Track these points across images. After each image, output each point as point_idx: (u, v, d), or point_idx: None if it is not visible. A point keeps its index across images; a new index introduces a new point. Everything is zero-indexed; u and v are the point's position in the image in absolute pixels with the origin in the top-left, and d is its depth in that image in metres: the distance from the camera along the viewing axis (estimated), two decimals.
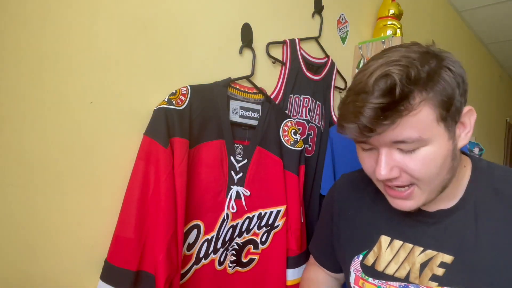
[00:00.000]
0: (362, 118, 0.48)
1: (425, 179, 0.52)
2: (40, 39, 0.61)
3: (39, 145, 0.62)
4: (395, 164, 0.52)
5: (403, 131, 0.49)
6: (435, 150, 0.51)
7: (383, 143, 0.52)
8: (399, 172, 0.53)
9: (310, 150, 1.14)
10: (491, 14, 2.42)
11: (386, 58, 0.50)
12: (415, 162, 0.51)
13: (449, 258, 0.56)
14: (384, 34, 1.38)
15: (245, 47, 0.96)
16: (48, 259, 0.65)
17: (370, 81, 0.48)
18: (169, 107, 0.75)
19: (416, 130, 0.49)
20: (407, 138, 0.49)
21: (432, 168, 0.51)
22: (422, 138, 0.49)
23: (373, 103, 0.47)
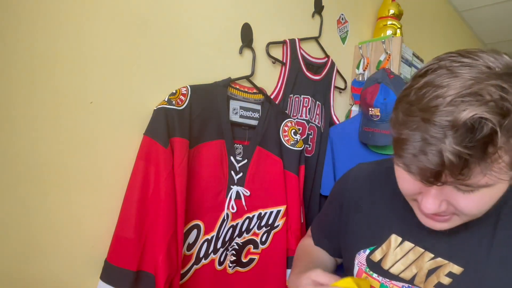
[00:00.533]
0: (437, 160, 0.39)
1: (470, 216, 0.47)
2: (40, 39, 0.61)
3: (39, 145, 0.62)
4: (444, 198, 0.46)
5: (472, 178, 0.40)
6: (493, 193, 0.45)
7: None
8: (446, 206, 0.46)
9: (310, 150, 1.14)
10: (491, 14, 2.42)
11: (469, 81, 0.39)
12: (469, 201, 0.45)
13: (459, 270, 0.55)
14: (384, 34, 1.38)
15: (245, 47, 0.96)
16: (48, 259, 0.65)
17: (455, 115, 0.38)
18: (169, 107, 0.75)
19: (486, 179, 0.41)
20: (473, 183, 0.41)
21: (483, 208, 0.46)
22: (488, 185, 0.42)
23: (459, 150, 0.38)
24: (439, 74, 0.42)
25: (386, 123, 1.07)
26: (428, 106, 0.41)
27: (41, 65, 0.62)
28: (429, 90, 0.41)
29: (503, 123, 0.38)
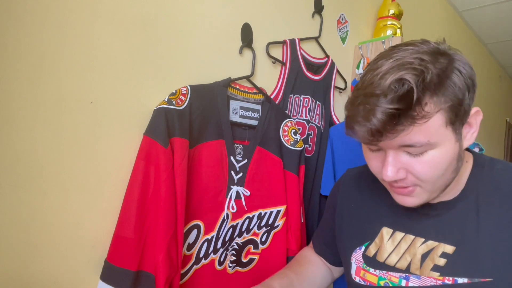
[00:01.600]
0: (374, 121, 0.47)
1: (429, 181, 0.53)
2: (40, 39, 0.61)
3: (39, 145, 0.62)
4: (401, 166, 0.53)
5: (412, 136, 0.49)
6: (441, 153, 0.51)
7: (391, 146, 0.52)
8: (405, 174, 0.53)
9: (310, 150, 1.14)
10: (491, 14, 2.42)
11: (398, 59, 0.49)
12: (422, 165, 0.52)
13: (451, 249, 0.57)
14: (384, 34, 1.38)
15: (245, 47, 0.96)
16: (48, 259, 0.65)
17: (383, 83, 0.47)
18: (169, 107, 0.75)
19: (425, 135, 0.49)
20: (416, 142, 0.49)
21: (437, 171, 0.52)
22: (430, 142, 0.50)
23: (387, 108, 0.46)
24: (377, 61, 0.52)
25: None
26: (367, 85, 0.50)
27: (41, 65, 0.62)
28: (369, 73, 0.51)
29: (420, 80, 0.46)
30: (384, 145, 0.52)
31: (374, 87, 0.48)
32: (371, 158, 0.58)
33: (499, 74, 3.71)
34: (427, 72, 0.47)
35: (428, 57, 0.48)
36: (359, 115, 0.50)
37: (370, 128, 0.48)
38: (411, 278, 0.59)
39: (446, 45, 0.52)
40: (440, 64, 0.48)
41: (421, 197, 0.56)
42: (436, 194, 0.57)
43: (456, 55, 0.51)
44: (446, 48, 0.52)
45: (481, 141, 2.40)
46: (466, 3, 2.31)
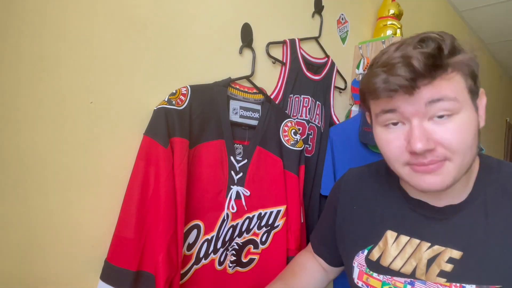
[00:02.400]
0: (415, 63, 0.47)
1: (461, 150, 0.51)
2: (40, 39, 0.61)
3: (39, 145, 0.62)
4: (430, 136, 0.50)
5: (441, 89, 0.49)
6: (467, 119, 0.51)
7: (416, 110, 0.50)
8: (434, 145, 0.50)
9: (310, 150, 1.14)
10: (491, 14, 2.42)
11: (411, 38, 0.52)
12: (451, 131, 0.50)
13: (458, 254, 0.55)
14: (384, 34, 1.38)
15: (245, 47, 0.96)
16: (48, 259, 0.65)
17: (408, 49, 0.49)
18: (169, 107, 0.75)
19: (453, 91, 0.49)
20: (445, 96, 0.49)
21: (467, 137, 0.51)
22: (457, 100, 0.50)
23: (425, 51, 0.48)
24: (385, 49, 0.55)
25: None
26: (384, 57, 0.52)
27: (41, 65, 0.62)
28: (381, 55, 0.54)
29: (441, 40, 0.49)
30: (408, 107, 0.50)
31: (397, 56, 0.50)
32: (391, 139, 0.54)
33: (499, 74, 3.71)
34: (445, 38, 0.50)
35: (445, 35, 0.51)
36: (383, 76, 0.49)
37: (413, 72, 0.48)
38: (417, 284, 0.57)
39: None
40: (454, 39, 0.51)
41: (450, 175, 0.52)
42: (461, 175, 0.53)
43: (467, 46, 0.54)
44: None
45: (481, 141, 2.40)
46: (466, 3, 2.31)
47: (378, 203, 0.67)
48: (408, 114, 0.51)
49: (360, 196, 0.71)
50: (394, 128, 0.54)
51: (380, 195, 0.68)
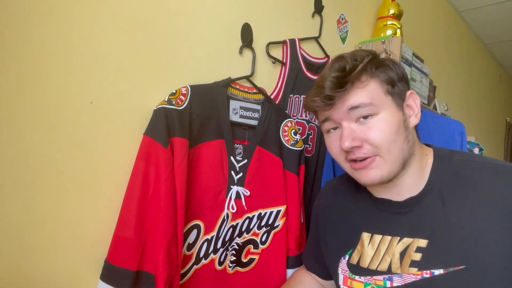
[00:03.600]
0: (324, 90, 0.59)
1: (384, 146, 0.58)
2: (40, 39, 0.61)
3: (39, 145, 0.62)
4: (355, 135, 0.59)
5: (356, 97, 0.59)
6: (387, 118, 0.59)
7: (342, 114, 0.60)
8: (360, 142, 0.59)
9: (310, 150, 1.14)
10: (491, 14, 2.42)
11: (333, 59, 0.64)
12: (372, 129, 0.58)
13: (424, 242, 0.59)
14: (384, 34, 1.38)
15: (245, 47, 0.96)
16: (48, 259, 0.65)
17: (328, 68, 0.62)
18: (169, 107, 0.75)
19: (367, 97, 0.59)
20: (361, 103, 0.58)
21: (387, 134, 0.58)
22: (373, 104, 0.58)
23: (330, 77, 0.59)
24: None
25: None
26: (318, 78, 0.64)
27: (41, 66, 0.62)
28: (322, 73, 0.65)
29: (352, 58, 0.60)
30: (336, 115, 0.61)
31: (322, 74, 0.62)
32: (331, 142, 0.65)
33: (499, 74, 3.71)
34: (360, 55, 0.61)
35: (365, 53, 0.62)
36: (312, 92, 0.62)
37: (320, 96, 0.59)
38: (394, 278, 0.61)
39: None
40: (374, 56, 0.62)
41: (382, 168, 0.59)
42: (396, 167, 0.60)
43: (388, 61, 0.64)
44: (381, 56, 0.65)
45: (481, 141, 2.40)
46: (466, 3, 2.31)
47: (351, 209, 0.72)
48: (338, 119, 0.61)
49: (336, 206, 0.76)
50: (333, 133, 0.65)
51: (352, 201, 0.73)
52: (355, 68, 0.59)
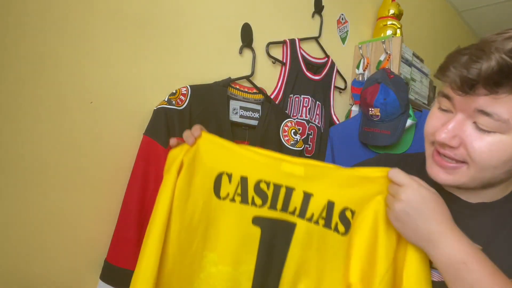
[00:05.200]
0: (484, 66, 0.44)
1: (479, 164, 0.49)
2: (40, 39, 0.61)
3: (39, 145, 0.62)
4: (460, 135, 0.49)
5: (498, 105, 0.45)
6: (508, 143, 0.47)
7: (466, 108, 0.49)
8: (458, 144, 0.50)
9: (310, 150, 1.14)
10: (491, 14, 2.42)
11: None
12: (483, 143, 0.48)
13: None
14: (384, 34, 1.38)
15: (245, 47, 0.96)
16: (48, 259, 0.65)
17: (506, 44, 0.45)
18: (169, 107, 0.75)
19: (509, 112, 0.45)
20: (496, 113, 0.46)
21: (494, 158, 0.48)
22: (508, 122, 0.46)
23: (505, 58, 0.43)
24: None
25: (386, 123, 1.07)
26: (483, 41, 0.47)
27: (41, 65, 0.62)
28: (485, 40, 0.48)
29: None
30: (459, 104, 0.49)
31: (491, 43, 0.46)
32: (434, 117, 0.54)
33: None
34: None
35: None
36: (462, 59, 0.47)
37: (468, 78, 0.45)
38: (433, 273, 0.57)
39: None
40: None
41: (461, 178, 0.51)
42: (475, 184, 0.52)
43: None
44: None
45: None
46: (466, 3, 2.31)
47: None
48: (458, 107, 0.50)
49: None
50: (442, 113, 0.54)
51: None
52: None
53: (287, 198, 0.62)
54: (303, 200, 0.62)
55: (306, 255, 0.62)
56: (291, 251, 0.62)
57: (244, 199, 0.62)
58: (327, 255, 0.62)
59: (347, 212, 0.61)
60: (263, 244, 0.62)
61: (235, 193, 0.61)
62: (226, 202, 0.61)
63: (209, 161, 0.60)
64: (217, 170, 0.61)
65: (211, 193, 0.60)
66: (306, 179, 0.62)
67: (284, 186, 0.62)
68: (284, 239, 0.63)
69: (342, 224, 0.61)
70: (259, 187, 0.62)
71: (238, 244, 0.62)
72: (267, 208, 0.62)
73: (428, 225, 0.51)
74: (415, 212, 0.52)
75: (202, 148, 0.60)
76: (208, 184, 0.60)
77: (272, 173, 0.62)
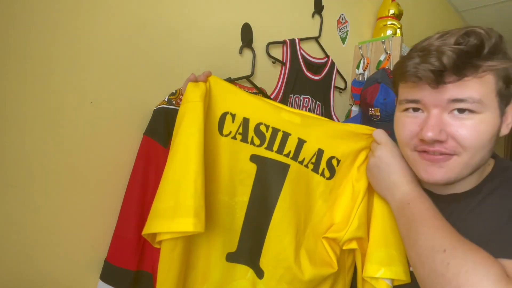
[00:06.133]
0: (444, 58, 0.47)
1: (472, 148, 0.51)
2: (40, 39, 0.61)
3: (39, 145, 0.62)
4: (444, 128, 0.51)
5: (467, 89, 0.49)
6: (488, 121, 0.50)
7: (438, 103, 0.51)
8: (446, 137, 0.51)
9: None
10: (491, 14, 2.42)
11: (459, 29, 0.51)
12: (468, 128, 0.50)
13: None
14: (384, 34, 1.38)
15: (245, 47, 0.96)
16: (48, 259, 0.65)
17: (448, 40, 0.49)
18: (169, 107, 0.75)
19: (479, 92, 0.49)
20: (469, 97, 0.49)
21: (482, 139, 0.50)
22: (482, 102, 0.49)
23: (458, 47, 0.47)
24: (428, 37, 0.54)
25: (386, 123, 1.06)
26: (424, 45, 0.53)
27: (41, 65, 0.62)
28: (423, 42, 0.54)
29: (487, 37, 0.48)
30: (430, 101, 0.52)
31: (433, 46, 0.50)
32: (407, 123, 0.56)
33: None
34: (491, 36, 0.49)
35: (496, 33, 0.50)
36: (417, 61, 0.50)
37: (433, 70, 0.48)
38: None
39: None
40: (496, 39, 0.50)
41: (454, 170, 0.53)
42: (465, 173, 0.54)
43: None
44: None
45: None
46: (466, 3, 2.31)
47: None
48: (430, 105, 0.52)
49: None
50: (412, 114, 0.55)
51: None
52: (489, 55, 0.48)
53: (283, 141, 0.69)
54: (297, 145, 0.70)
55: (296, 193, 0.70)
56: (285, 188, 0.69)
57: (244, 138, 0.68)
58: (313, 195, 0.72)
59: (333, 161, 0.71)
60: (258, 179, 0.69)
61: (236, 132, 0.67)
62: (228, 139, 0.67)
63: (217, 100, 0.66)
64: (222, 109, 0.66)
65: (215, 129, 0.66)
66: (302, 126, 0.69)
67: (282, 131, 0.69)
68: (278, 177, 0.70)
69: (328, 170, 0.71)
70: (259, 129, 0.68)
71: (235, 177, 0.68)
72: (264, 148, 0.69)
73: (392, 178, 0.60)
74: (384, 166, 0.61)
75: (213, 87, 0.66)
76: (214, 121, 0.65)
77: (272, 118, 0.68)
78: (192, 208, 0.55)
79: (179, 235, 0.57)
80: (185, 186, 0.56)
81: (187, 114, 0.61)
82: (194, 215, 0.55)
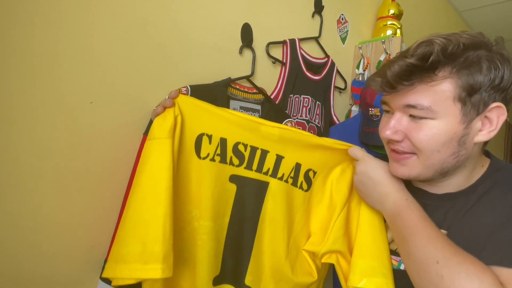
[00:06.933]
0: (388, 73, 0.53)
1: (424, 151, 0.55)
2: (40, 39, 0.61)
3: (39, 145, 0.62)
4: (401, 129, 0.57)
5: (417, 96, 0.53)
6: (441, 127, 0.53)
7: (398, 106, 0.57)
8: (402, 137, 0.57)
9: None
10: (491, 14, 2.42)
11: (444, 34, 0.54)
12: (419, 132, 0.55)
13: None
14: (384, 34, 1.38)
15: (245, 47, 0.96)
16: (48, 259, 0.65)
17: (414, 45, 0.55)
18: None
19: (429, 100, 0.53)
20: (419, 104, 0.53)
21: (433, 143, 0.54)
22: (432, 109, 0.53)
23: (404, 62, 0.52)
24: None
25: None
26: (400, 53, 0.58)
27: (41, 65, 0.62)
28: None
29: (444, 45, 0.51)
30: (392, 103, 0.58)
31: (408, 49, 0.56)
32: (383, 123, 0.62)
33: None
34: (455, 43, 0.51)
35: (468, 40, 0.52)
36: (382, 68, 0.57)
37: (383, 79, 0.54)
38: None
39: (503, 48, 0.54)
40: (476, 49, 0.52)
41: (414, 168, 0.57)
42: (430, 173, 0.57)
43: (507, 56, 0.53)
44: (498, 49, 0.53)
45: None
46: (466, 3, 2.31)
47: None
48: (393, 107, 0.59)
49: None
50: (387, 115, 0.62)
51: None
52: (437, 66, 0.52)
53: (262, 159, 0.70)
54: (275, 161, 0.71)
55: (277, 209, 0.72)
56: (265, 206, 0.71)
57: (223, 159, 0.68)
58: (293, 209, 0.73)
59: (310, 173, 0.73)
60: (237, 199, 0.70)
61: (214, 153, 0.67)
62: (206, 162, 0.66)
63: (191, 121, 0.65)
64: (198, 131, 0.66)
65: (192, 152, 0.65)
66: (280, 142, 0.70)
67: (260, 149, 0.70)
68: (258, 196, 0.71)
69: (305, 183, 0.73)
70: (237, 148, 0.68)
71: (216, 200, 0.68)
72: (243, 168, 0.70)
73: (378, 190, 0.62)
74: (368, 181, 0.64)
75: (183, 110, 0.64)
76: (190, 144, 0.65)
77: (250, 135, 0.69)
78: (161, 254, 0.54)
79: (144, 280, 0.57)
80: (154, 230, 0.55)
81: (154, 152, 0.59)
82: (163, 261, 0.54)
